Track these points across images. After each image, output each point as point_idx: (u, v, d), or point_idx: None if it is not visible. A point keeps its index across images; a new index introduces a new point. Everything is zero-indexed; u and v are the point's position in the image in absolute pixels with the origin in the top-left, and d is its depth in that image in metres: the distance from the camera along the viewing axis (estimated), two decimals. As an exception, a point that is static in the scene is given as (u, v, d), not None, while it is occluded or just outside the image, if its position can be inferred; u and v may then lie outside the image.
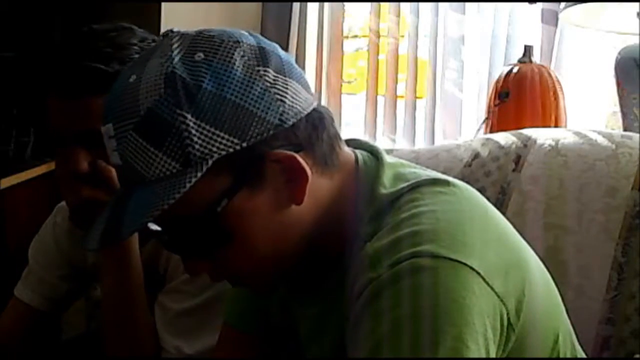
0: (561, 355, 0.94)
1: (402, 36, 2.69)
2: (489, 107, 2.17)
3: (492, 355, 0.81)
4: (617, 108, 2.07)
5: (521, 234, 0.94)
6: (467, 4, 2.54)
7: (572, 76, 2.36)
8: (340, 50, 2.80)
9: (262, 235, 0.89)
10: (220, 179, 0.85)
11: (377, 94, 2.73)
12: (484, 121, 2.17)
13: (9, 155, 2.58)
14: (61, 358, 1.53)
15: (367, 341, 0.80)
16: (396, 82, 2.70)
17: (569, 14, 2.03)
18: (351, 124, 2.89)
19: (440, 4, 2.58)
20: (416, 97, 2.67)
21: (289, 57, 0.92)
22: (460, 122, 2.58)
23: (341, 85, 2.82)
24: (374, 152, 0.96)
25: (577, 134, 1.49)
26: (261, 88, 0.85)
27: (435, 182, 0.91)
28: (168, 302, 1.27)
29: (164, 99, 0.84)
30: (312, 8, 2.78)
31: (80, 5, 2.64)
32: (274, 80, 0.87)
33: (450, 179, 0.93)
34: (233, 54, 0.86)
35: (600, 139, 1.45)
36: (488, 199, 0.95)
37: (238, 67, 0.85)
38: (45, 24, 2.66)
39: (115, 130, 0.87)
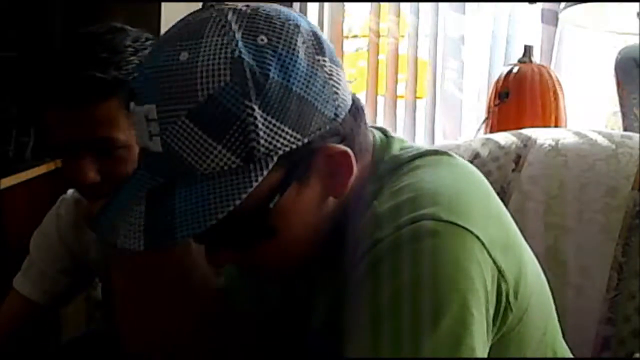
0: (549, 352, 0.94)
1: (402, 36, 2.69)
2: (489, 107, 2.17)
3: (491, 325, 0.80)
4: (617, 108, 2.07)
5: (521, 234, 0.94)
6: (467, 4, 2.54)
7: (572, 76, 2.36)
8: (340, 50, 2.80)
9: (303, 229, 0.85)
10: (275, 174, 0.80)
11: (377, 94, 2.73)
12: (484, 121, 2.17)
13: (9, 155, 2.58)
14: (61, 358, 1.53)
15: (369, 305, 0.78)
16: (396, 82, 2.70)
17: (569, 14, 2.03)
18: (351, 124, 2.89)
19: (440, 4, 2.58)
20: (416, 97, 2.67)
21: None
22: (460, 122, 2.58)
23: (341, 86, 2.81)
24: (382, 130, 0.96)
25: (577, 134, 1.49)
26: (322, 80, 0.81)
27: (438, 152, 0.91)
28: None
29: (230, 87, 0.77)
30: (312, 8, 2.78)
31: (80, 5, 2.64)
32: (330, 70, 0.82)
33: (452, 153, 0.93)
34: (296, 41, 0.80)
35: (600, 139, 1.45)
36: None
37: (302, 56, 0.80)
38: (45, 24, 2.65)
39: (160, 113, 0.78)
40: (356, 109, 0.87)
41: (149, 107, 0.79)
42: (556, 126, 2.06)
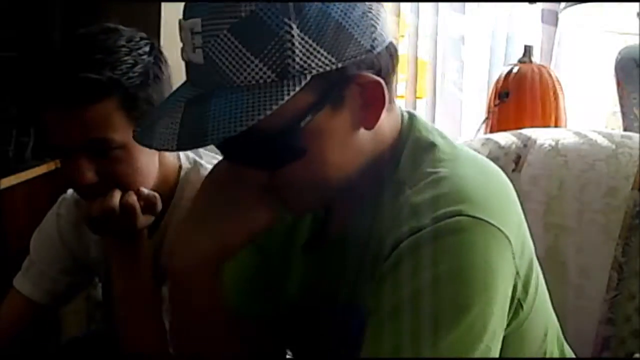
0: (548, 352, 0.96)
1: (402, 36, 2.69)
2: (489, 107, 2.17)
3: (504, 323, 0.84)
4: (617, 108, 2.07)
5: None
6: (467, 4, 2.54)
7: (572, 76, 2.36)
8: (340, 50, 2.79)
9: (332, 154, 0.88)
10: (308, 95, 0.83)
11: (377, 94, 2.72)
12: (484, 121, 2.17)
13: (9, 155, 2.58)
14: (61, 358, 1.53)
15: (404, 290, 0.81)
16: (396, 82, 2.69)
17: (569, 14, 2.03)
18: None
19: (440, 4, 2.58)
20: (416, 97, 2.67)
21: None
22: (460, 122, 2.58)
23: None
24: (409, 113, 0.99)
25: (577, 134, 1.49)
26: (361, 11, 0.84)
27: (469, 152, 0.95)
28: None
29: (271, 4, 0.80)
30: (312, 8, 2.77)
31: (79, 5, 2.64)
32: (369, 4, 0.86)
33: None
34: None
35: (600, 139, 1.45)
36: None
37: None
38: (45, 24, 2.65)
39: (203, 26, 0.82)
40: (394, 49, 0.90)
41: (195, 20, 0.82)
42: (556, 126, 2.06)
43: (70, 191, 1.43)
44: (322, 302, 0.99)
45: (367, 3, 0.85)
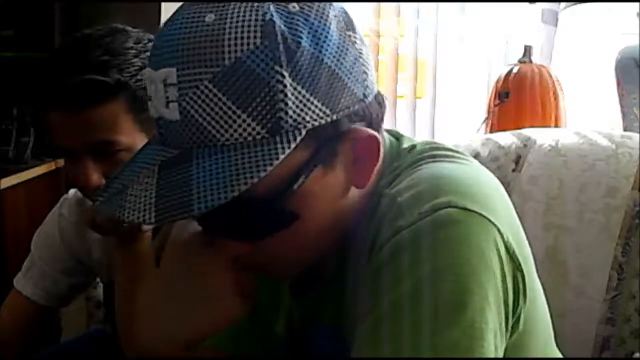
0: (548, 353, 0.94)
1: (402, 36, 2.69)
2: (489, 107, 2.18)
3: (510, 316, 0.78)
4: (617, 108, 2.08)
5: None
6: (467, 4, 2.54)
7: (572, 76, 2.36)
8: (340, 51, 2.80)
9: (322, 219, 0.79)
10: (300, 152, 0.74)
11: (377, 94, 2.73)
12: (484, 121, 2.17)
13: (9, 155, 2.58)
14: (61, 358, 1.53)
15: (390, 293, 0.74)
16: (396, 82, 2.70)
17: (569, 14, 2.03)
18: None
19: (441, 4, 2.58)
20: (416, 97, 2.67)
21: None
22: (460, 122, 2.58)
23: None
24: (392, 134, 0.92)
25: (577, 134, 1.49)
26: (353, 56, 0.76)
27: (451, 149, 0.88)
28: None
29: (260, 50, 0.71)
30: (312, 8, 2.78)
31: (80, 5, 2.64)
32: (360, 48, 0.78)
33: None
34: (328, 13, 0.76)
35: (600, 139, 1.45)
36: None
37: (334, 28, 0.75)
38: (45, 24, 2.65)
39: (179, 77, 0.72)
40: (381, 97, 0.83)
41: (168, 70, 0.73)
42: (556, 126, 2.06)
43: (71, 191, 1.43)
44: (312, 339, 0.92)
45: (357, 47, 0.77)
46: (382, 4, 2.71)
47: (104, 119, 1.14)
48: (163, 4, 2.49)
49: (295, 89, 0.72)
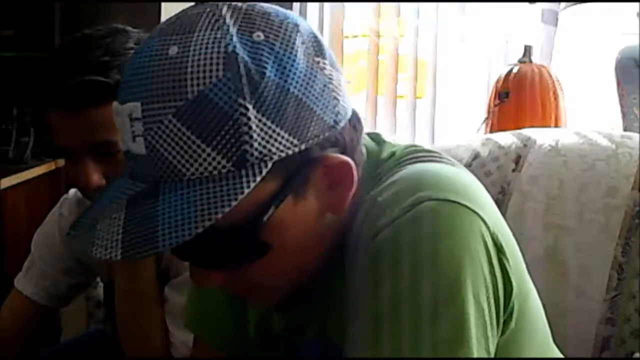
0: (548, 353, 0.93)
1: (402, 36, 2.69)
2: (489, 107, 2.18)
3: (501, 308, 0.77)
4: (617, 108, 2.08)
5: (521, 234, 0.94)
6: (467, 4, 2.54)
7: (572, 76, 2.36)
8: (340, 51, 2.80)
9: (298, 248, 0.79)
10: (269, 184, 0.74)
11: (377, 94, 2.73)
12: (484, 121, 2.17)
13: (9, 155, 2.58)
14: (61, 358, 1.53)
15: (373, 297, 0.74)
16: (396, 82, 2.70)
17: (569, 14, 2.03)
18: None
19: (441, 4, 2.58)
20: (416, 97, 2.67)
21: None
22: (460, 122, 2.58)
23: (341, 86, 2.81)
24: (373, 137, 0.91)
25: (577, 134, 1.49)
26: (322, 83, 0.75)
27: (432, 150, 0.88)
28: (174, 296, 1.27)
29: (222, 83, 0.71)
30: (312, 8, 2.78)
31: (80, 4, 2.64)
32: (330, 74, 0.77)
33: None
34: (295, 40, 0.75)
35: (600, 139, 1.45)
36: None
37: (300, 56, 0.74)
38: (45, 24, 2.66)
39: (144, 111, 0.72)
40: (357, 119, 0.82)
41: (133, 105, 0.73)
42: (556, 126, 2.06)
43: (71, 191, 1.43)
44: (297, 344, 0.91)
45: (326, 72, 0.76)
46: (382, 4, 2.71)
47: (104, 119, 1.14)
48: (163, 4, 2.49)
49: (260, 120, 0.71)
